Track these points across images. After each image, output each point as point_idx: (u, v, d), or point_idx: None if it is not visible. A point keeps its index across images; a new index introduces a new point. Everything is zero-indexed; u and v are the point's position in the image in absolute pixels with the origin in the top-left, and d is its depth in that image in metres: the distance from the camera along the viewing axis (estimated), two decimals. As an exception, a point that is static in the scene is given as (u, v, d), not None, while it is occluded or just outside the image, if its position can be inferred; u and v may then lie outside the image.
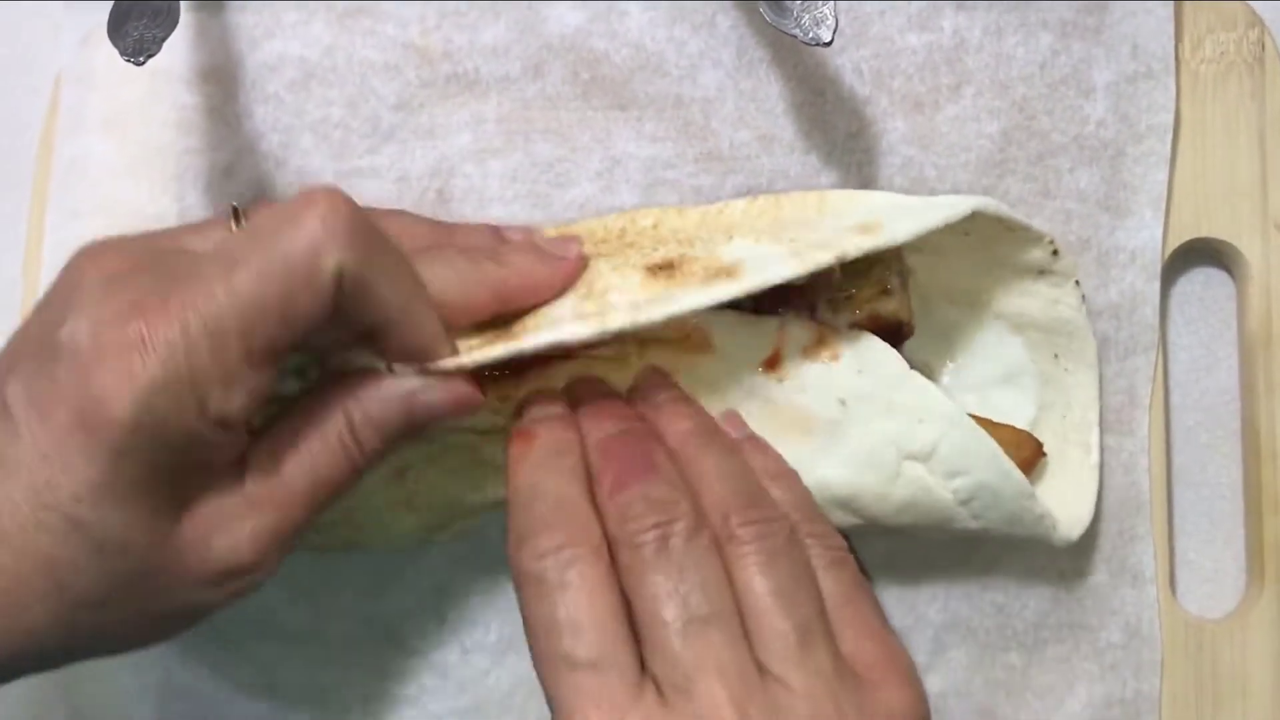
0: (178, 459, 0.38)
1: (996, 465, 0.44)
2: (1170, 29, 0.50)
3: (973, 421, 0.44)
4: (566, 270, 0.44)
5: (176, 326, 0.37)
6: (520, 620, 0.49)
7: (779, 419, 0.45)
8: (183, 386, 0.37)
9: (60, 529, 0.37)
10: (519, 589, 0.41)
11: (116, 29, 0.45)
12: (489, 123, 0.52)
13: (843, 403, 0.44)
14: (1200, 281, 0.52)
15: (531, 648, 0.41)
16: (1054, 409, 0.49)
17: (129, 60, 0.44)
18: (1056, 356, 0.49)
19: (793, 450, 0.45)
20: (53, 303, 0.40)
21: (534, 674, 0.49)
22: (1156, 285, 0.49)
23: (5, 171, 0.55)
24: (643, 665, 0.39)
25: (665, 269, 0.43)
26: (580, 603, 0.39)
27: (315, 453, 0.41)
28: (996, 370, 0.50)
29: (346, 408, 0.42)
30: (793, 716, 0.39)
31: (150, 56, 0.44)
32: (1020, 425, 0.48)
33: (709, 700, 0.38)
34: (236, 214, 0.43)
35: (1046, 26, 0.50)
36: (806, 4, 0.44)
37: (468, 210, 0.52)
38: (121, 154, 0.52)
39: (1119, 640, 0.50)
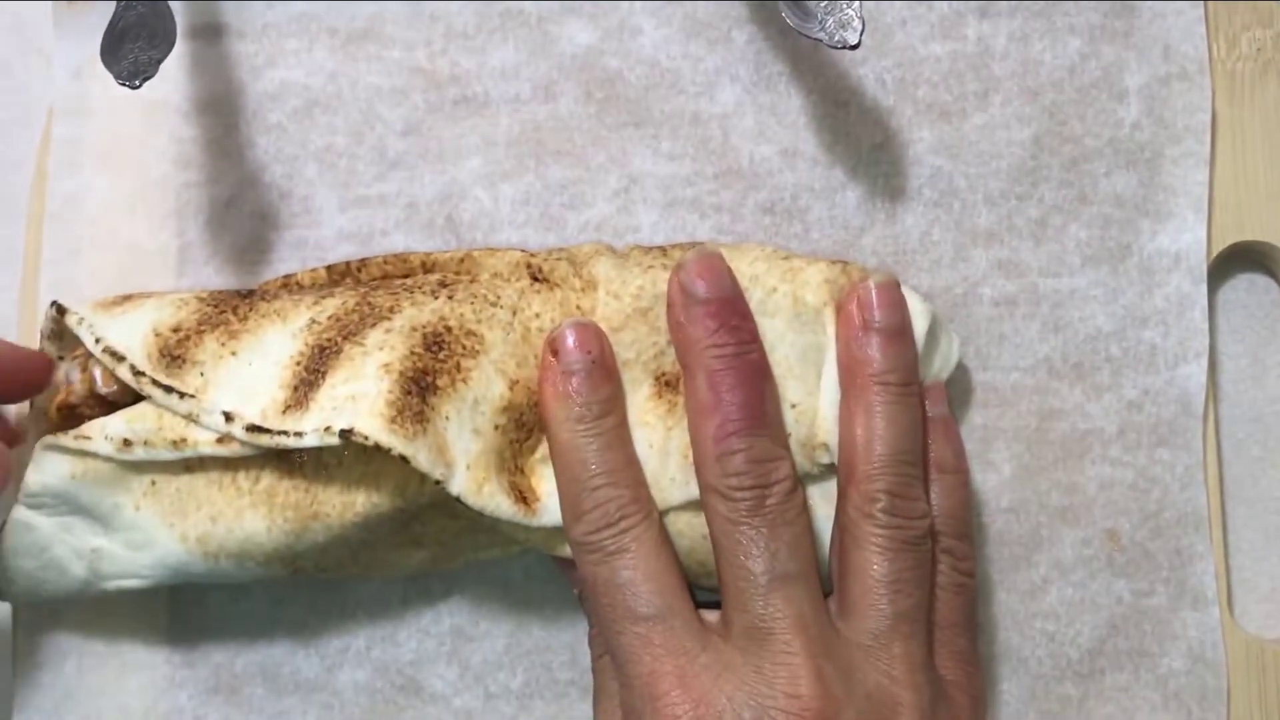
0: None
1: None
2: (1202, 29, 0.48)
3: None
4: None
5: None
6: (545, 664, 0.48)
7: None
8: None
9: None
10: (576, 554, 0.43)
11: (111, 53, 0.43)
12: (499, 145, 0.50)
13: None
14: (1243, 288, 0.49)
15: (593, 608, 0.42)
16: None
17: (125, 84, 0.42)
18: None
19: None
20: None
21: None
22: (1203, 288, 0.47)
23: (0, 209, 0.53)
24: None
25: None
26: (638, 565, 0.41)
27: None
28: None
29: None
30: (865, 682, 0.40)
31: (147, 79, 0.42)
32: None
33: (784, 648, 0.39)
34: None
35: (1074, 31, 0.49)
36: (831, 6, 0.43)
37: (478, 235, 0.50)
38: (118, 189, 0.51)
39: (1181, 667, 0.47)
